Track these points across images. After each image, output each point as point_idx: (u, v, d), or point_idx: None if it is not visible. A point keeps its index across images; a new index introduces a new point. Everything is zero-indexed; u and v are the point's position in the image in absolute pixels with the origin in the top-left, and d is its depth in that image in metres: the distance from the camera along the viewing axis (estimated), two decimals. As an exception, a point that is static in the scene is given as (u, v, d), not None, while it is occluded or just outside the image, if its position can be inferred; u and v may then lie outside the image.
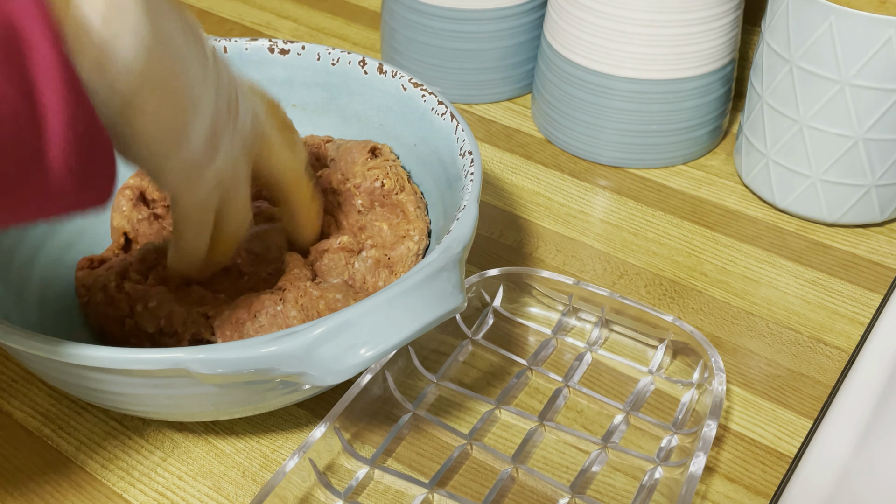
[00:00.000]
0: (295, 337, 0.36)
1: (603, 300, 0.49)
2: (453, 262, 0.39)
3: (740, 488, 0.43)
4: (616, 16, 0.58)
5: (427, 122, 0.51)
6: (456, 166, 0.48)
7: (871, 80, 0.51)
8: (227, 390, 0.39)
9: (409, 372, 0.48)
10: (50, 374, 0.41)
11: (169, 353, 0.36)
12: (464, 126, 0.48)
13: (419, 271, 0.38)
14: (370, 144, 0.53)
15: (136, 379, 0.38)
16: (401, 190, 0.51)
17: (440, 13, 0.66)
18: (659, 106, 0.60)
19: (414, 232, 0.49)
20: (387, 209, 0.51)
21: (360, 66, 0.54)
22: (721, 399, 0.43)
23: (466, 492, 0.42)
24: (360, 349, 0.36)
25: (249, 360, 0.36)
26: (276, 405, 0.43)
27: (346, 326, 0.36)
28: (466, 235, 0.41)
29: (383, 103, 0.54)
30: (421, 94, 0.52)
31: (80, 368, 0.38)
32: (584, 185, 0.62)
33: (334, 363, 0.36)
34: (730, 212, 0.59)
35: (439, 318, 0.38)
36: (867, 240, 0.57)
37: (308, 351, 0.36)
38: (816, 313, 0.52)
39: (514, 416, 0.46)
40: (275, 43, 0.55)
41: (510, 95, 0.70)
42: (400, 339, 0.36)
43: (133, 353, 0.36)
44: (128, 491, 0.43)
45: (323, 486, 0.42)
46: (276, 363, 0.36)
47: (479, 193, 0.44)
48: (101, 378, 0.38)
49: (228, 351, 0.36)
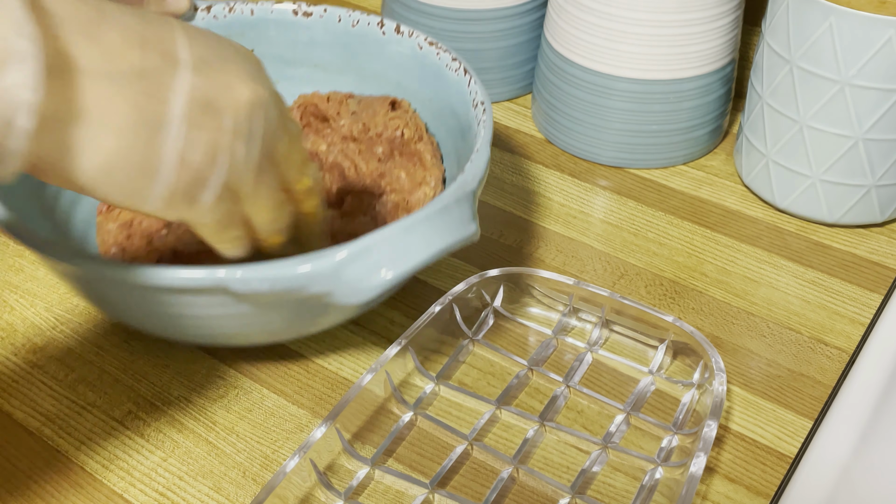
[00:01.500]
0: (323, 258, 0.39)
1: (603, 300, 0.49)
2: (467, 196, 0.42)
3: (740, 488, 0.43)
4: (616, 16, 0.58)
5: (442, 77, 0.54)
6: (469, 117, 0.51)
7: (871, 81, 0.51)
8: (262, 311, 0.42)
9: (409, 372, 0.48)
10: (98, 297, 0.44)
11: (211, 271, 0.39)
12: (476, 79, 0.51)
13: (436, 203, 0.41)
14: (390, 98, 0.56)
15: (180, 298, 0.41)
16: (419, 139, 0.54)
17: (440, 13, 0.66)
18: (659, 106, 0.60)
19: (430, 179, 0.53)
20: (405, 158, 0.54)
21: (378, 27, 0.57)
22: (721, 399, 0.43)
23: (467, 492, 0.42)
24: (381, 271, 0.39)
25: (283, 279, 0.39)
26: (307, 329, 0.46)
27: (368, 250, 0.39)
28: (480, 173, 0.44)
29: (400, 62, 0.57)
30: (436, 52, 0.55)
31: (127, 288, 0.41)
32: (584, 186, 0.62)
33: (359, 283, 0.39)
34: (730, 212, 0.59)
35: (453, 244, 0.41)
36: (867, 240, 0.57)
37: (335, 271, 0.39)
38: (816, 313, 0.52)
39: (514, 416, 0.46)
40: (299, 6, 0.58)
41: (510, 95, 0.70)
42: (418, 262, 0.40)
43: (178, 271, 0.39)
44: (128, 491, 0.43)
45: (323, 487, 0.42)
46: (307, 281, 0.39)
47: (490, 138, 0.47)
48: (144, 298, 0.42)
49: (265, 270, 0.39)
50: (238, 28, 0.58)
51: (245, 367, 0.49)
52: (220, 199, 0.37)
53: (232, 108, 0.36)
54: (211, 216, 0.37)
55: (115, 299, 0.44)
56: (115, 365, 0.49)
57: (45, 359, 0.49)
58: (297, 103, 0.58)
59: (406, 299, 0.53)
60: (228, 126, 0.36)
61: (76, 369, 0.49)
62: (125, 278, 0.40)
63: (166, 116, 0.34)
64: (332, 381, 0.48)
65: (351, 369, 0.49)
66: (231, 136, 0.36)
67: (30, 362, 0.49)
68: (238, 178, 0.37)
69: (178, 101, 0.34)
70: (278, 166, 0.40)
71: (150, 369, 0.49)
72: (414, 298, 0.53)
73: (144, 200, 0.35)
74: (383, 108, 0.56)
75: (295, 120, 0.43)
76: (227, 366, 0.49)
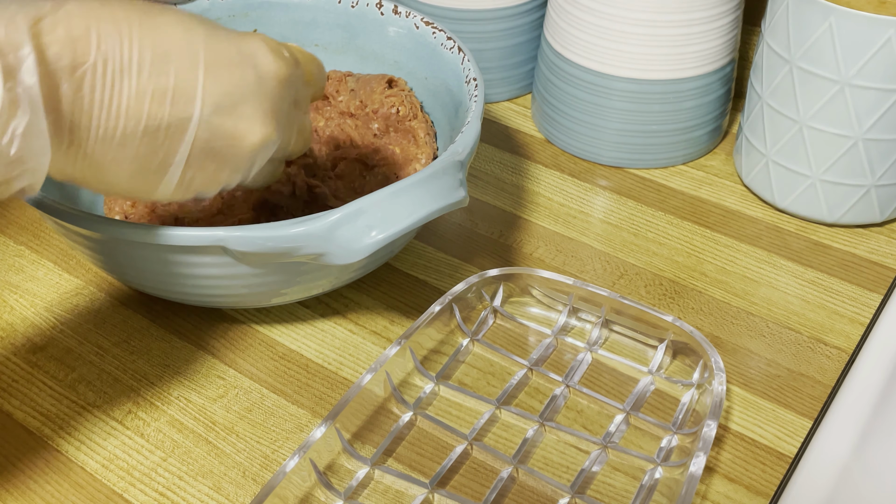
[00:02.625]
0: (317, 220, 0.41)
1: (603, 300, 0.49)
2: (457, 165, 0.44)
3: (740, 488, 0.43)
4: (616, 16, 0.58)
5: (437, 56, 0.57)
6: (462, 92, 0.53)
7: (870, 81, 0.51)
8: (260, 272, 0.45)
9: (408, 372, 0.48)
10: (103, 258, 0.47)
11: (211, 231, 0.42)
12: (470, 57, 0.54)
13: (426, 170, 0.43)
14: (387, 77, 0.59)
15: (180, 257, 0.43)
16: (413, 117, 0.57)
17: (440, 13, 0.66)
18: (659, 106, 0.60)
19: (422, 156, 0.55)
20: (400, 134, 0.56)
21: (376, 7, 0.60)
22: (721, 399, 0.43)
23: (467, 492, 0.42)
24: (371, 231, 0.41)
25: (279, 238, 0.41)
26: (302, 292, 0.48)
27: (359, 213, 0.41)
28: (470, 143, 0.46)
29: (398, 41, 0.59)
30: (432, 32, 0.57)
31: (138, 248, 0.44)
32: (584, 185, 0.62)
33: (351, 243, 0.41)
34: (730, 212, 0.59)
35: (442, 208, 0.43)
36: (867, 240, 0.57)
37: (329, 232, 0.41)
38: (816, 313, 0.52)
39: (514, 416, 0.46)
40: None
41: (510, 95, 0.70)
42: (407, 224, 0.42)
43: (179, 231, 0.42)
44: (128, 491, 0.43)
45: (323, 486, 0.42)
46: (301, 241, 0.41)
47: (482, 112, 0.49)
48: (148, 257, 0.44)
49: (262, 230, 0.41)
50: (241, 9, 0.61)
51: (245, 366, 0.49)
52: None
53: (233, 156, 0.39)
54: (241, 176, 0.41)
55: (125, 261, 0.46)
56: (115, 365, 0.49)
57: (45, 359, 0.49)
58: None
59: (406, 299, 0.53)
60: (228, 169, 0.40)
61: (76, 369, 0.49)
62: (135, 239, 0.43)
63: (171, 165, 0.38)
64: (331, 381, 0.48)
65: (351, 369, 0.49)
66: (230, 173, 0.40)
67: (30, 362, 0.49)
68: None
69: (183, 152, 0.37)
70: (282, 161, 0.44)
71: (150, 369, 0.49)
72: (414, 298, 0.53)
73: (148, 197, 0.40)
74: (380, 86, 0.58)
75: (308, 118, 0.46)
76: (226, 366, 0.49)
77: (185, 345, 0.50)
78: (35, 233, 0.58)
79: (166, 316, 0.52)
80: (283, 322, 0.51)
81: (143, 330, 0.51)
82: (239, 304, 0.50)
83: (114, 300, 0.53)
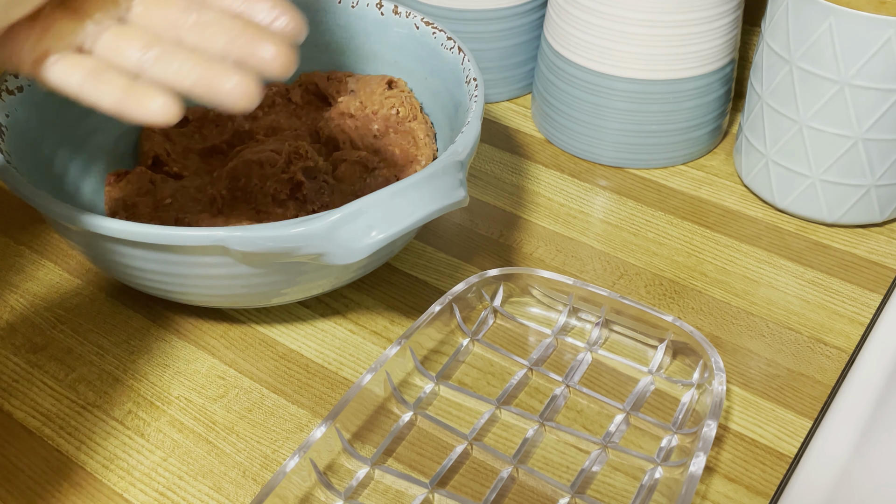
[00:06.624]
0: (317, 220, 0.41)
1: (603, 300, 0.49)
2: (457, 165, 0.44)
3: (740, 488, 0.43)
4: (616, 16, 0.58)
5: (437, 56, 0.56)
6: (462, 92, 0.53)
7: (870, 81, 0.51)
8: (260, 272, 0.44)
9: (408, 371, 0.48)
10: (102, 257, 0.46)
11: (211, 231, 0.42)
12: (470, 57, 0.53)
13: (426, 170, 0.43)
14: (387, 78, 0.59)
15: (180, 257, 0.43)
16: (413, 119, 0.57)
17: (440, 13, 0.66)
18: (659, 106, 0.60)
19: (422, 157, 0.55)
20: (400, 136, 0.56)
21: (376, 7, 0.60)
22: (721, 399, 0.43)
23: (467, 492, 0.43)
24: (371, 232, 0.41)
25: (279, 238, 0.41)
26: (302, 292, 0.48)
27: (359, 213, 0.41)
28: (470, 143, 0.46)
29: (398, 41, 0.59)
30: (432, 32, 0.57)
31: (131, 246, 0.43)
32: (584, 186, 0.62)
33: (351, 243, 0.41)
34: (730, 212, 0.59)
35: (442, 208, 0.43)
36: (867, 240, 0.57)
37: (329, 232, 0.41)
38: (816, 313, 0.52)
39: (514, 416, 0.46)
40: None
41: (510, 95, 0.70)
42: (407, 224, 0.42)
43: (179, 230, 0.42)
44: (128, 491, 0.43)
45: (323, 486, 0.42)
46: (301, 242, 0.41)
47: (482, 113, 0.49)
48: (148, 257, 0.44)
49: (262, 230, 0.41)
50: None
51: (245, 366, 0.49)
52: None
53: None
54: None
55: (125, 261, 0.46)
56: (115, 365, 0.49)
57: (45, 359, 0.49)
58: (299, 81, 0.61)
59: (406, 299, 0.53)
60: None
61: (76, 369, 0.49)
62: (136, 238, 0.43)
63: None
64: (331, 381, 0.48)
65: (351, 369, 0.49)
66: None
67: (30, 362, 0.49)
68: None
69: None
70: None
71: (150, 369, 0.49)
72: (414, 298, 0.53)
73: None
74: (380, 87, 0.58)
75: None
76: (227, 366, 0.49)
77: (185, 345, 0.50)
78: (35, 233, 0.58)
79: (166, 316, 0.52)
80: (283, 322, 0.51)
81: (143, 330, 0.51)
82: (239, 304, 0.50)
83: (114, 300, 0.53)
